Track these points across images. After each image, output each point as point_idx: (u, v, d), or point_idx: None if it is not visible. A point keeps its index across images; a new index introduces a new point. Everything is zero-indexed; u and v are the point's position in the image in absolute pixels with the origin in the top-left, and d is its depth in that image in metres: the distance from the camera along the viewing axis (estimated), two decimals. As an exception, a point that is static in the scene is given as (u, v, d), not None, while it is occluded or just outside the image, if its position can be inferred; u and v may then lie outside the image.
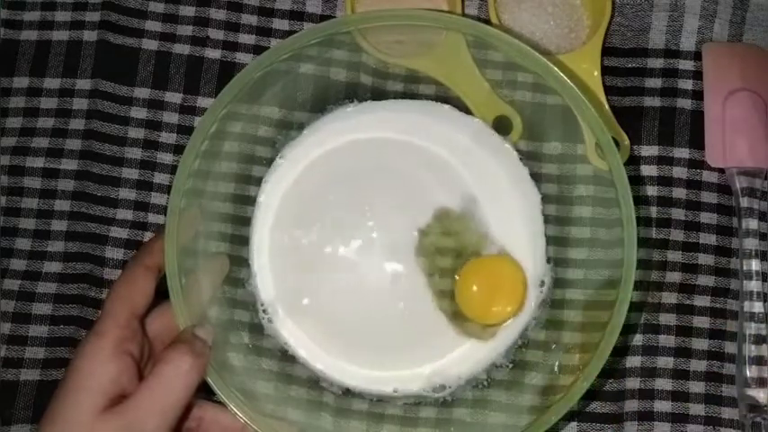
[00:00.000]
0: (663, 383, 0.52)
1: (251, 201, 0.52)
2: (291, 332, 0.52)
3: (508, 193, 0.52)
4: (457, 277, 0.51)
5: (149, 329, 0.45)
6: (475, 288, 0.50)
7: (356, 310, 0.52)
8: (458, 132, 0.52)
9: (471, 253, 0.51)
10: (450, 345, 0.51)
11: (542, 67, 0.46)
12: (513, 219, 0.52)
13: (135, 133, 0.55)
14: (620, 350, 0.53)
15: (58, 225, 0.54)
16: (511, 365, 0.51)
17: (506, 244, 0.51)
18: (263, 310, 0.52)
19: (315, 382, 0.51)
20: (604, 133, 0.46)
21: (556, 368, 0.49)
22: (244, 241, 0.52)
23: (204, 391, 0.44)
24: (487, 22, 0.54)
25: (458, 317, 0.51)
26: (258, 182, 0.52)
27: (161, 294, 0.45)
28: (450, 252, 0.52)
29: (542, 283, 0.51)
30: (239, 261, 0.52)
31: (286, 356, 0.51)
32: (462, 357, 0.51)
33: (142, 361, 0.43)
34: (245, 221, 0.52)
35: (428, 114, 0.53)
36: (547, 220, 0.52)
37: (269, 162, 0.53)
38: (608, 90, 0.54)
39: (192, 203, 0.47)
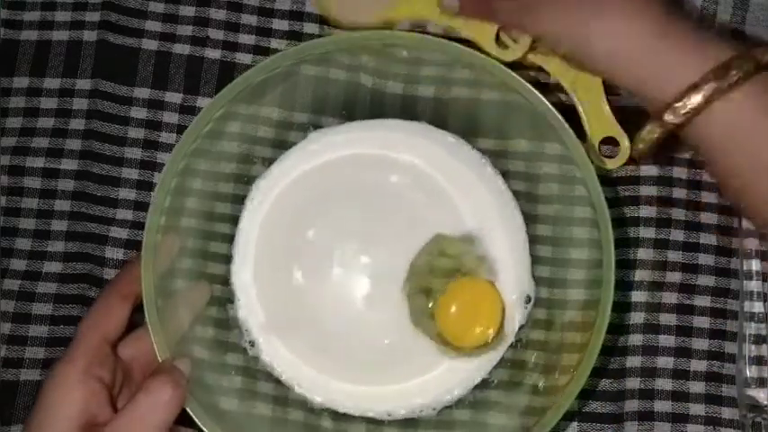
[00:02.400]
0: (663, 383, 0.52)
1: (233, 219, 0.52)
2: (273, 355, 0.51)
3: (493, 212, 0.52)
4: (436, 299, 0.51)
5: (125, 354, 0.45)
6: (453, 309, 0.50)
7: (340, 332, 0.52)
8: (433, 143, 0.52)
9: (459, 275, 0.51)
10: (436, 363, 0.51)
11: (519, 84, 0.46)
12: (500, 240, 0.52)
13: (135, 133, 0.55)
14: (621, 350, 0.53)
15: (58, 225, 0.54)
16: (509, 366, 0.51)
17: (494, 264, 0.51)
18: (246, 331, 0.52)
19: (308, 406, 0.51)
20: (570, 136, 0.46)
21: (553, 369, 0.49)
22: (227, 260, 0.52)
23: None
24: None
25: (439, 338, 0.51)
26: (241, 200, 0.52)
27: (140, 309, 0.45)
28: (439, 275, 0.51)
29: (528, 299, 0.51)
30: (223, 280, 0.52)
31: (278, 397, 0.51)
32: (447, 376, 0.51)
33: (115, 387, 0.43)
34: (229, 239, 0.52)
35: (407, 132, 0.53)
36: (537, 240, 0.52)
37: (251, 180, 0.53)
38: (608, 90, 0.53)
39: (171, 226, 0.47)
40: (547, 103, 0.44)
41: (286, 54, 0.47)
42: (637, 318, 0.53)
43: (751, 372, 0.52)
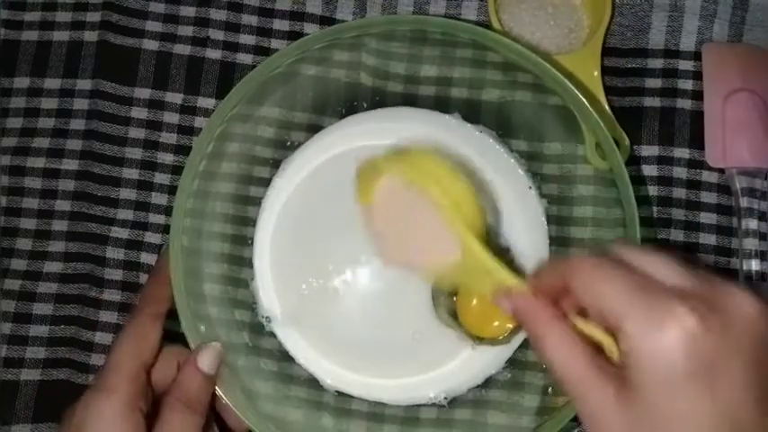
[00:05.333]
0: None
1: (253, 204, 0.52)
2: (290, 336, 0.52)
3: (512, 204, 0.52)
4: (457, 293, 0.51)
5: (153, 377, 0.44)
6: (474, 302, 0.50)
7: (358, 320, 0.52)
8: (462, 143, 0.52)
9: None
10: (453, 353, 0.51)
11: (541, 69, 0.47)
12: (518, 229, 0.52)
13: (135, 133, 0.55)
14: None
15: (59, 225, 0.54)
16: (511, 366, 0.51)
17: (515, 254, 0.51)
18: (266, 318, 0.52)
19: (315, 381, 0.51)
20: (604, 133, 0.46)
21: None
22: (246, 241, 0.52)
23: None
24: (487, 25, 0.55)
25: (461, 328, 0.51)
26: (257, 202, 0.53)
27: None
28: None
29: None
30: (241, 261, 0.52)
31: (285, 357, 0.51)
32: (464, 365, 0.51)
33: (148, 413, 0.42)
34: (249, 221, 0.52)
35: (434, 125, 0.53)
36: (548, 221, 0.52)
37: (268, 175, 0.53)
38: (608, 90, 0.54)
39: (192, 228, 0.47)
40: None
41: (316, 37, 0.48)
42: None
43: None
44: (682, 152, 0.54)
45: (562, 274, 0.34)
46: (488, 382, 0.51)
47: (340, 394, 0.51)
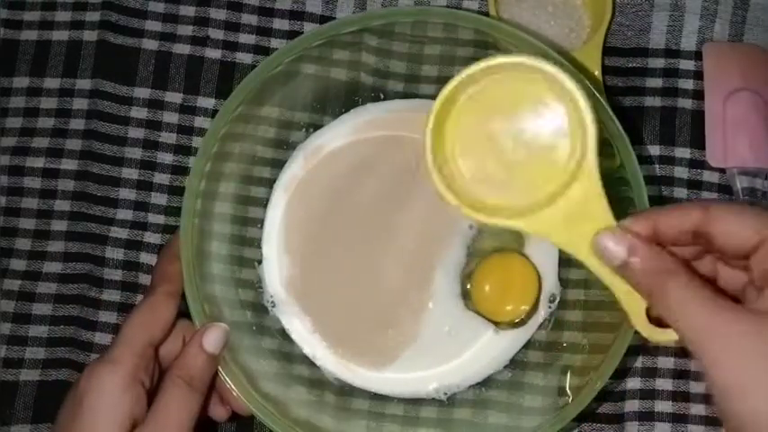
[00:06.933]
0: (663, 383, 0.52)
1: (258, 205, 0.52)
2: (294, 325, 0.52)
3: None
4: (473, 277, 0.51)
5: (161, 351, 0.44)
6: (487, 288, 0.51)
7: (367, 309, 0.52)
8: None
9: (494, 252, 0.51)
10: (462, 348, 0.51)
11: (552, 59, 0.46)
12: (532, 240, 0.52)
13: (135, 133, 0.55)
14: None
15: (58, 225, 0.54)
16: (512, 366, 0.51)
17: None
18: (271, 303, 0.52)
19: (316, 381, 0.51)
20: (619, 131, 0.46)
21: (560, 370, 0.49)
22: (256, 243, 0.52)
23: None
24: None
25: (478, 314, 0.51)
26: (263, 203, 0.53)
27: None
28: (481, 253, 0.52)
29: (553, 298, 0.51)
30: (248, 262, 0.52)
31: (287, 356, 0.51)
32: (467, 362, 0.51)
33: (151, 387, 0.43)
34: (255, 222, 0.52)
35: None
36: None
37: (278, 164, 0.53)
38: (609, 90, 0.54)
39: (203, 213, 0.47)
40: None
41: (317, 33, 0.47)
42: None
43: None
44: (683, 152, 0.54)
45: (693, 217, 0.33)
46: (489, 382, 0.51)
47: (341, 388, 0.51)
